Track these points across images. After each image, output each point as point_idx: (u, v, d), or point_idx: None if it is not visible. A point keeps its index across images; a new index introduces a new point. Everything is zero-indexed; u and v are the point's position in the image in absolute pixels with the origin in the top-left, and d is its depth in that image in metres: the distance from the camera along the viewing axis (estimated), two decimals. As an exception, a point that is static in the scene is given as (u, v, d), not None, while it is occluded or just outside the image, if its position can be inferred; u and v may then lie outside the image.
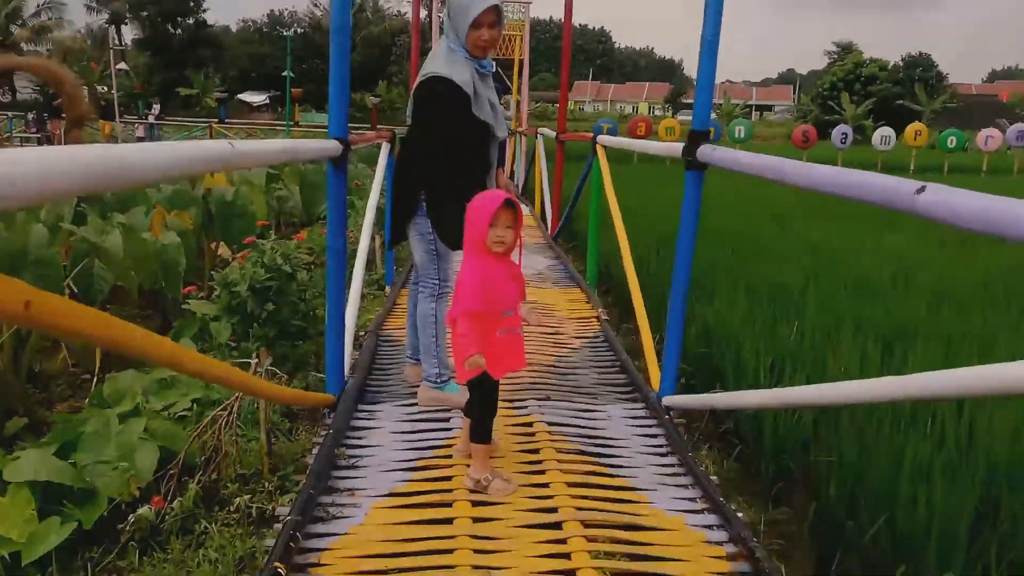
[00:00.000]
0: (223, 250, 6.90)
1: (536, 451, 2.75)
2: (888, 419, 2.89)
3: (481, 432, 2.49)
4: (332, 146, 2.76)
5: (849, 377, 3.52)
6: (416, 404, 3.15)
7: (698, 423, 3.62)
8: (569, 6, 7.44)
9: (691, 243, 2.97)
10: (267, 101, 52.25)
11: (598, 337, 4.17)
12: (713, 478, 2.60)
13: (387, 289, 5.55)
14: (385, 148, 5.07)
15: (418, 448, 2.74)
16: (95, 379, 4.34)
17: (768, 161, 2.27)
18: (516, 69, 16.52)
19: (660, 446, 2.87)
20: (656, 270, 5.51)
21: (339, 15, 2.78)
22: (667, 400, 3.06)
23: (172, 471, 2.89)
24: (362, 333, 4.22)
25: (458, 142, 2.90)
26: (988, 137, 20.50)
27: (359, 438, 2.82)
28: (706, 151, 2.76)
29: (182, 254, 5.38)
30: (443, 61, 2.89)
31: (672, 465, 2.72)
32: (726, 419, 3.57)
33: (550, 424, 2.98)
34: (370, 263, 6.46)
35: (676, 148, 3.06)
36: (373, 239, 6.51)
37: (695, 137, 2.85)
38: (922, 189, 1.46)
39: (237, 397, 3.03)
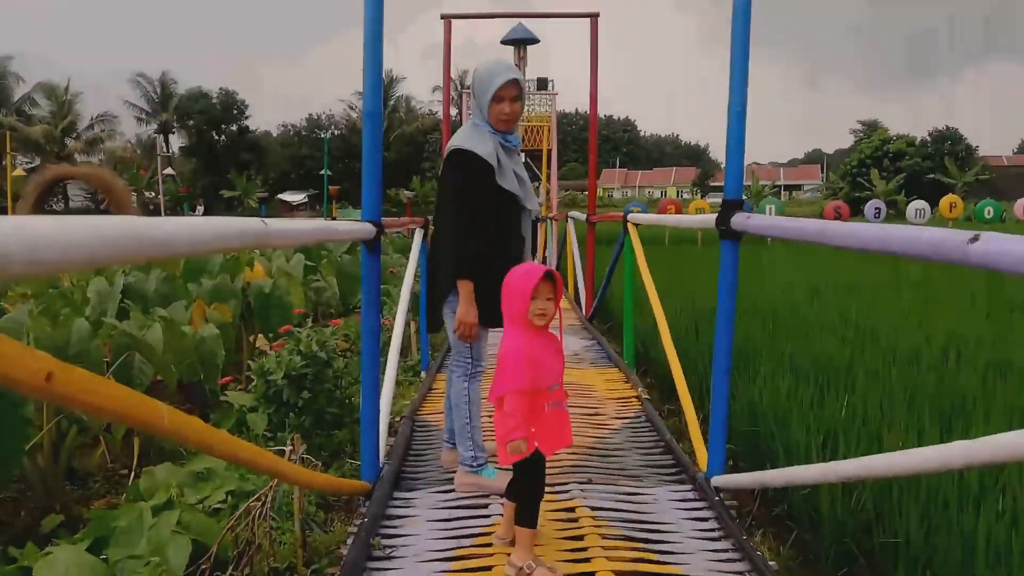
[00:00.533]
0: (261, 342, 6.95)
1: (580, 538, 2.62)
2: (954, 497, 2.71)
3: (528, 515, 2.36)
4: (366, 228, 2.78)
5: (908, 452, 3.34)
6: (453, 492, 3.05)
7: (749, 508, 3.45)
8: (594, 94, 7.64)
9: (731, 316, 2.89)
10: (305, 200, 54.01)
11: (639, 417, 4.04)
12: (772, 563, 2.43)
13: (423, 375, 5.50)
14: (419, 234, 5.12)
15: (456, 537, 2.63)
16: (132, 474, 4.31)
17: (807, 223, 2.22)
18: (544, 158, 16.87)
19: (712, 530, 2.72)
20: (694, 349, 5.39)
21: (371, 100, 2.85)
22: (716, 480, 2.91)
23: (204, 566, 2.80)
24: (397, 419, 4.15)
25: (482, 211, 2.89)
26: (1026, 207, 20.24)
27: (395, 527, 2.72)
28: (740, 219, 2.72)
29: (220, 346, 5.42)
30: (467, 136, 2.94)
31: (726, 551, 2.56)
32: (779, 503, 3.39)
33: (594, 509, 2.85)
34: (406, 349, 6.45)
35: (709, 219, 3.03)
36: (408, 324, 6.52)
37: (729, 205, 2.81)
38: (975, 238, 1.39)
39: (271, 487, 2.96)
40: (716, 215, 2.89)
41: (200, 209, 29.87)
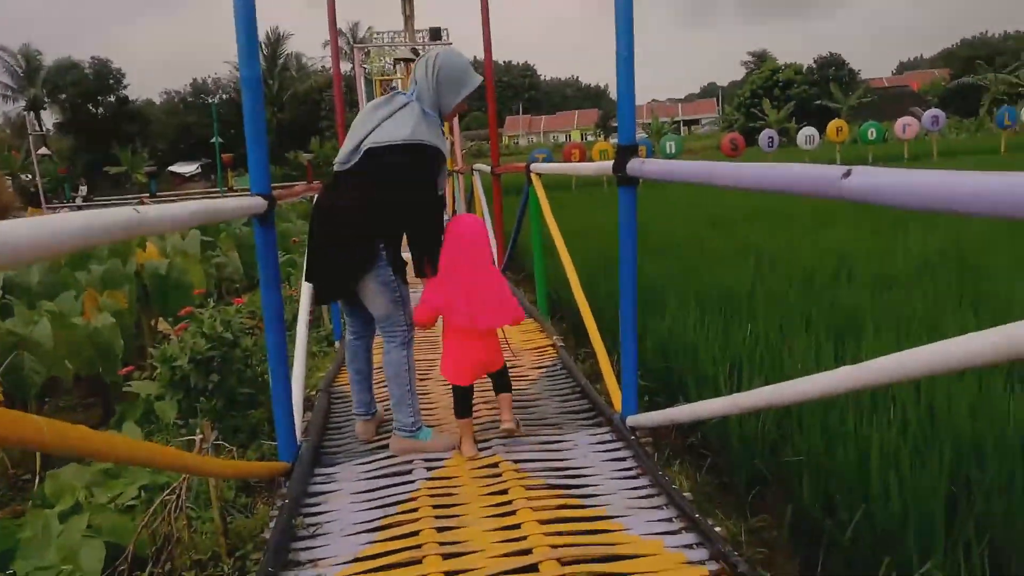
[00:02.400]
0: (163, 326, 6.67)
1: (504, 491, 2.65)
2: (850, 410, 2.88)
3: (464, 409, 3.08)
4: (255, 203, 2.67)
5: (806, 373, 3.52)
6: (375, 461, 3.03)
7: (666, 440, 3.58)
8: (488, 42, 7.50)
9: (633, 258, 2.94)
10: (199, 170, 51.58)
11: (555, 365, 4.10)
12: (687, 495, 2.54)
13: (337, 344, 5.40)
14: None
15: (381, 506, 2.62)
16: (36, 479, 4.10)
17: (697, 167, 2.26)
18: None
19: (629, 469, 2.80)
20: (606, 291, 5.50)
21: (248, 68, 2.71)
22: (631, 420, 3.00)
23: (121, 567, 2.70)
24: (314, 392, 4.08)
25: (441, 201, 3.09)
26: (905, 125, 21.31)
27: (318, 503, 2.68)
28: (635, 164, 2.74)
29: (118, 335, 5.17)
30: (430, 131, 2.96)
31: (644, 487, 2.65)
32: (692, 432, 3.53)
33: (516, 461, 2.89)
34: (316, 319, 6.31)
35: (606, 166, 3.05)
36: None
37: (623, 152, 2.83)
38: (848, 173, 1.44)
39: (185, 478, 2.87)
40: (612, 162, 2.91)
41: (83, 189, 28.07)
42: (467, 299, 2.94)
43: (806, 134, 21.79)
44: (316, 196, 3.27)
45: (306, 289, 4.31)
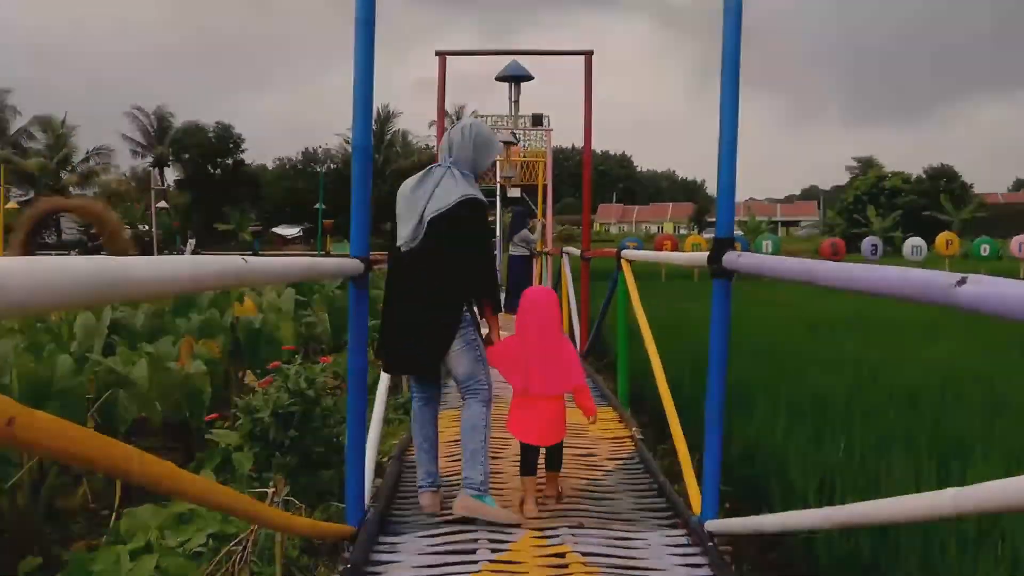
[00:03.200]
0: (250, 378, 6.87)
1: (570, 585, 2.53)
2: (952, 540, 2.64)
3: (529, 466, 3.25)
4: (353, 265, 2.74)
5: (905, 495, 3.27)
6: (440, 535, 2.97)
7: (745, 553, 3.36)
8: (588, 131, 7.67)
9: (723, 355, 2.84)
10: (300, 233, 54.07)
11: (633, 459, 3.96)
12: (766, 613, 2.35)
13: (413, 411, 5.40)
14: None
15: (442, 584, 2.54)
16: (113, 515, 4.21)
17: (797, 264, 2.19)
18: (540, 193, 16.95)
19: (705, 577, 2.63)
20: (691, 389, 5.33)
21: (361, 135, 2.83)
22: (710, 525, 2.84)
23: (182, 613, 2.70)
24: (386, 459, 4.07)
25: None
26: (1021, 244, 20.31)
27: (379, 573, 2.63)
28: (732, 257, 2.68)
29: (207, 383, 5.34)
30: (471, 186, 3.21)
31: (720, 599, 2.47)
32: (774, 546, 3.31)
33: (584, 554, 2.76)
34: (396, 386, 6.36)
35: (701, 257, 3.00)
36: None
37: (720, 243, 2.78)
38: (963, 281, 1.36)
39: (252, 531, 2.87)
40: (707, 254, 2.86)
41: (191, 243, 29.84)
42: (531, 362, 3.20)
43: (913, 244, 21.07)
44: (386, 277, 3.34)
45: None
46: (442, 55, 7.86)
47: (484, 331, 3.30)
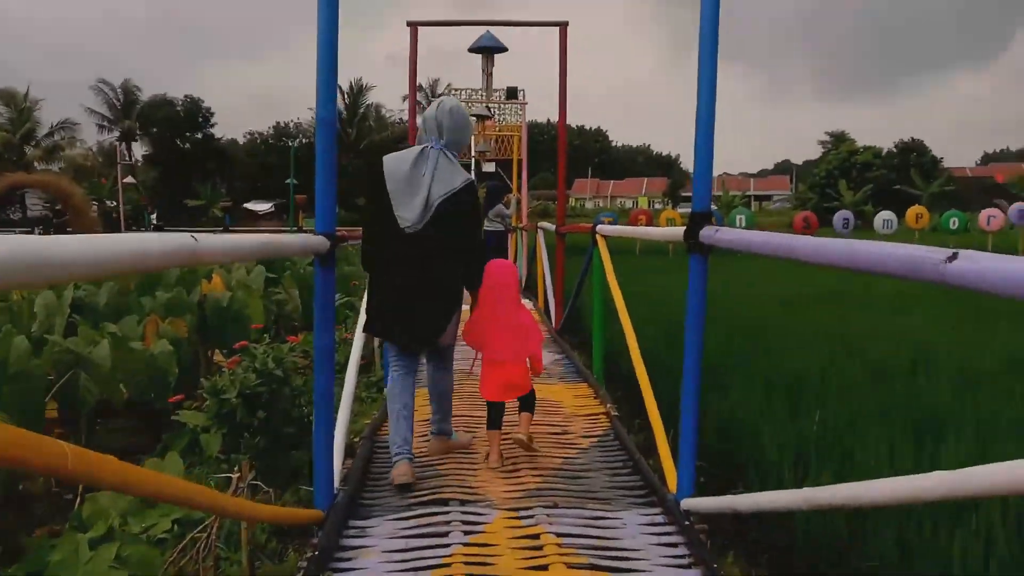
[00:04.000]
0: (219, 357, 6.73)
1: (544, 567, 2.48)
2: (928, 515, 2.63)
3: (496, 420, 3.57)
4: (317, 241, 2.63)
5: (879, 471, 3.25)
6: (412, 518, 2.90)
7: (722, 526, 3.34)
8: (563, 104, 7.55)
9: (700, 332, 2.79)
10: (272, 208, 53.26)
11: (608, 435, 3.92)
12: (743, 593, 2.32)
13: (385, 391, 5.32)
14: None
15: (413, 569, 2.48)
16: (78, 499, 4.10)
17: (777, 238, 2.12)
18: (515, 168, 16.80)
19: (682, 556, 2.60)
20: (666, 362, 5.30)
21: (325, 108, 2.71)
22: (686, 503, 2.80)
23: (143, 603, 2.62)
24: (357, 439, 3.99)
25: None
26: (990, 217, 20.57)
27: (348, 559, 2.56)
28: (709, 232, 2.62)
29: (174, 363, 5.21)
30: (462, 168, 3.39)
31: (696, 579, 2.44)
32: (752, 520, 3.29)
33: (559, 535, 2.71)
34: (368, 365, 6.27)
35: (677, 232, 2.93)
36: (371, 339, 6.34)
37: (697, 218, 2.71)
38: (954, 256, 1.29)
39: (216, 517, 2.78)
40: (684, 228, 2.79)
41: (152, 217, 29.09)
42: (493, 332, 3.52)
43: (884, 218, 21.25)
44: (379, 254, 3.32)
45: (359, 331, 4.26)
46: (414, 25, 7.66)
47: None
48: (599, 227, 4.96)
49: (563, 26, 7.45)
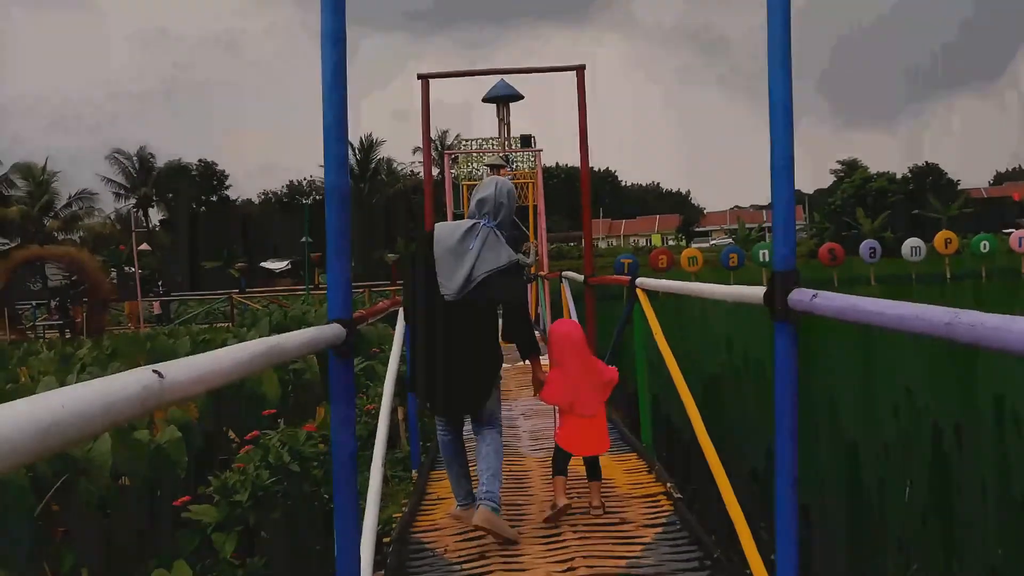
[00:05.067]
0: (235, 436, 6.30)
1: None
2: None
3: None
4: (332, 332, 2.20)
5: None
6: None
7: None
8: (584, 149, 7.20)
9: (793, 418, 2.31)
10: (288, 266, 53.28)
11: (673, 524, 3.40)
12: None
13: (414, 474, 4.84)
14: (402, 317, 4.54)
15: None
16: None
17: (903, 308, 1.67)
18: (531, 215, 16.48)
19: None
20: (713, 423, 4.82)
21: (335, 174, 2.32)
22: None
23: None
24: (387, 540, 3.51)
25: None
26: (1022, 238, 19.93)
27: None
28: (802, 296, 2.16)
29: (183, 452, 4.77)
30: (509, 248, 3.49)
31: None
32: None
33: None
34: (394, 439, 5.80)
35: (752, 294, 2.48)
36: (395, 412, 5.90)
37: (782, 279, 2.26)
38: None
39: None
40: (764, 290, 2.35)
41: (159, 289, 29.08)
42: (575, 390, 3.61)
43: (912, 245, 20.68)
44: (418, 323, 3.48)
45: (385, 404, 3.81)
46: (424, 78, 7.37)
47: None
48: (640, 281, 4.52)
49: (580, 70, 7.13)
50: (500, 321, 3.62)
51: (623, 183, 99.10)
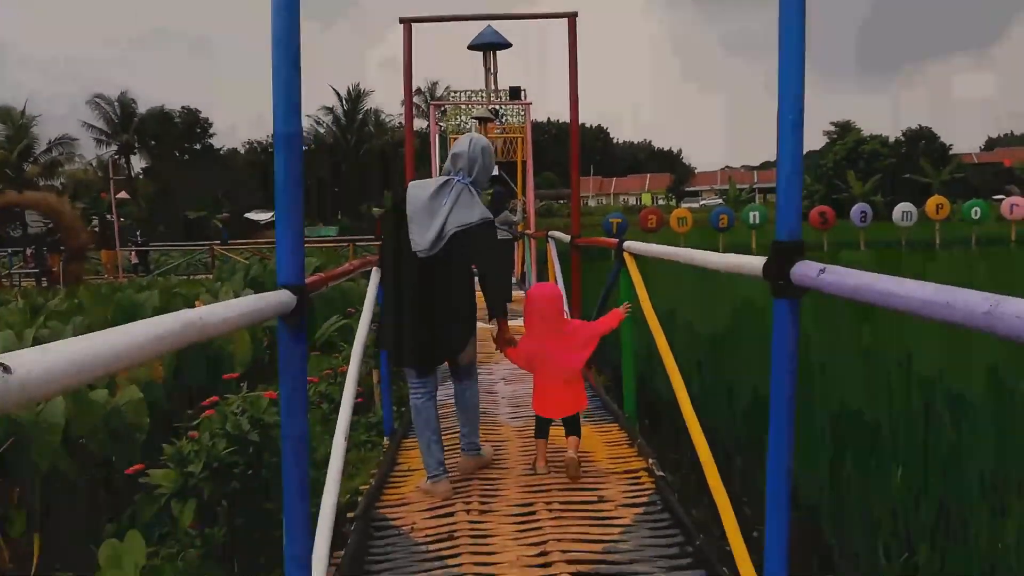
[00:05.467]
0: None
1: None
2: None
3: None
4: (278, 300, 1.95)
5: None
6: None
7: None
8: (574, 100, 6.87)
9: (791, 399, 2.10)
10: (272, 218, 52.63)
11: (654, 504, 3.22)
12: None
13: (385, 441, 4.64)
14: (375, 276, 4.29)
15: None
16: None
17: (919, 288, 1.44)
18: (520, 171, 16.13)
19: None
20: (700, 394, 4.62)
21: (285, 124, 2.04)
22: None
23: None
24: (351, 515, 3.30)
25: None
26: (1013, 205, 19.78)
27: None
28: (806, 271, 1.93)
29: (144, 414, 4.55)
30: (483, 204, 3.50)
31: None
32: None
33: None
34: (365, 404, 5.59)
35: (748, 264, 2.25)
36: (370, 374, 5.68)
37: (784, 251, 2.02)
38: None
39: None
40: (763, 261, 2.12)
41: (137, 235, 28.52)
42: (543, 355, 3.58)
43: (903, 210, 20.46)
44: (394, 278, 3.44)
45: (353, 364, 3.57)
46: (407, 22, 6.99)
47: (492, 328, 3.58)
48: (628, 244, 4.27)
49: (572, 17, 6.77)
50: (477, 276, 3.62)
51: (614, 140, 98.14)
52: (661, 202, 70.25)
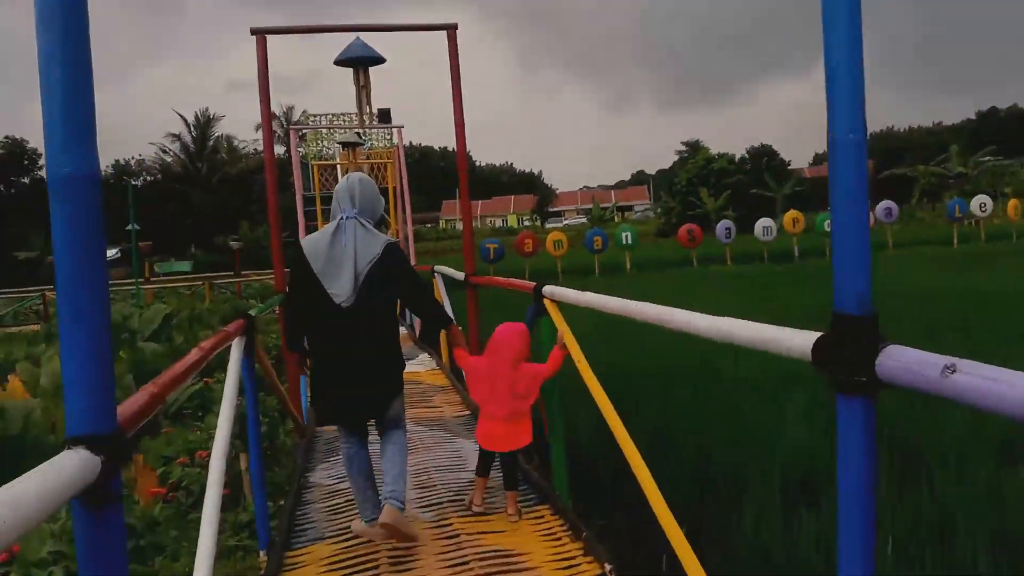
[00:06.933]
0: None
1: None
2: None
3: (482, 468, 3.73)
4: (71, 469, 1.10)
5: None
6: None
7: None
8: (459, 119, 6.18)
9: (869, 538, 1.48)
10: (118, 254, 48.29)
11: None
12: None
13: (261, 556, 3.67)
14: (237, 345, 3.37)
15: None
16: None
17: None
18: (391, 198, 15.25)
19: None
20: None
21: (70, 159, 1.20)
22: None
23: None
24: None
25: None
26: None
27: None
28: (895, 361, 1.31)
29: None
30: (378, 232, 3.41)
31: None
32: None
33: None
34: (235, 496, 4.58)
35: (789, 343, 1.62)
36: (236, 459, 4.67)
37: (846, 324, 1.40)
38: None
39: None
40: (811, 346, 1.48)
41: None
42: (494, 388, 3.59)
43: (764, 225, 21.28)
44: (316, 335, 3.32)
45: (217, 452, 2.65)
46: (259, 34, 6.06)
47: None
48: (547, 289, 3.59)
49: (451, 29, 6.09)
50: (405, 325, 3.33)
51: (477, 162, 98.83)
52: (527, 223, 71.06)
